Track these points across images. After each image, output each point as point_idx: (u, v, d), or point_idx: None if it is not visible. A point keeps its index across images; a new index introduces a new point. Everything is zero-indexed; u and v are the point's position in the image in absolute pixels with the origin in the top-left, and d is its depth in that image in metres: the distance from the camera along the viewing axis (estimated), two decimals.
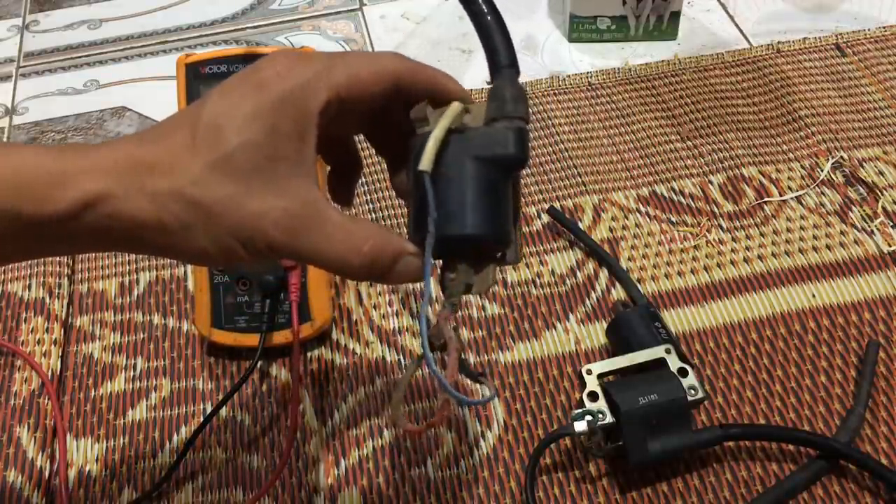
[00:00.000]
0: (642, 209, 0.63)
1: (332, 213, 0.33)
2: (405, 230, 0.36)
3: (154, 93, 0.79)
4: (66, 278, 0.63)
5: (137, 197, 0.31)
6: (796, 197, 0.63)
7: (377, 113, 0.35)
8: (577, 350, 0.56)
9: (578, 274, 0.60)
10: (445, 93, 0.35)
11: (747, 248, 0.60)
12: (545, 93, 0.73)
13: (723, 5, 0.81)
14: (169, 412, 0.55)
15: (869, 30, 0.76)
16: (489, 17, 0.36)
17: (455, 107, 0.34)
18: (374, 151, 0.40)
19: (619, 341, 0.54)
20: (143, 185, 0.31)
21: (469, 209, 0.33)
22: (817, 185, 0.64)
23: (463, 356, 0.36)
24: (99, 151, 0.32)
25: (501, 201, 0.34)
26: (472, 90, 0.74)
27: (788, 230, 0.61)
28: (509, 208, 0.35)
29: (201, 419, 0.54)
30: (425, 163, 0.33)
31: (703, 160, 0.67)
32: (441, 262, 0.35)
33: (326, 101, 0.32)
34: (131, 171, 0.31)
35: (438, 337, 0.35)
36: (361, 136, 0.39)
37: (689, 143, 0.68)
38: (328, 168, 0.40)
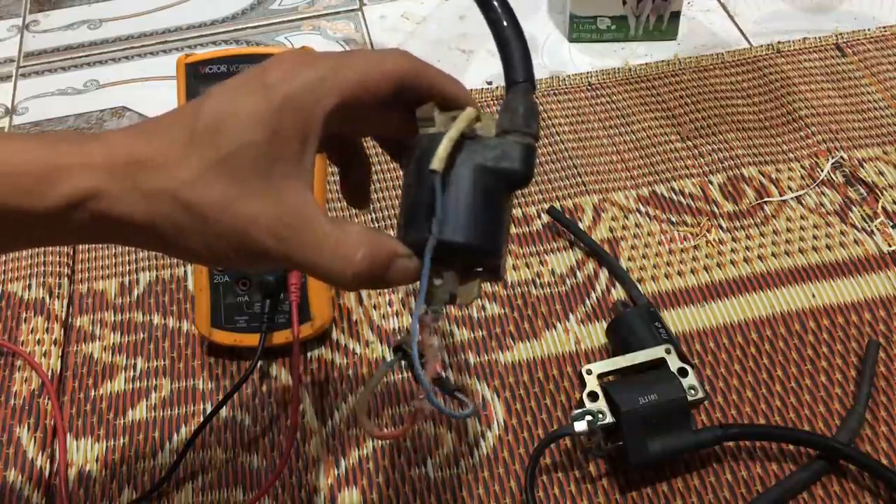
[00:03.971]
0: (642, 209, 0.64)
1: (321, 221, 0.32)
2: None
3: (154, 93, 0.79)
4: (66, 278, 0.63)
5: (130, 196, 0.30)
6: (796, 197, 0.63)
7: (380, 110, 0.35)
8: (577, 350, 0.56)
9: (578, 274, 0.60)
10: (451, 97, 0.35)
11: (747, 248, 0.60)
12: (545, 93, 0.73)
13: (723, 5, 0.82)
14: (169, 412, 0.55)
15: (869, 30, 0.76)
16: (508, 28, 0.35)
17: (470, 112, 0.33)
18: (372, 151, 0.39)
19: (619, 341, 0.54)
20: (136, 183, 0.30)
21: (470, 219, 0.33)
22: (817, 185, 0.64)
23: (440, 370, 0.35)
24: (92, 144, 0.31)
25: (500, 216, 0.34)
26: (471, 90, 0.74)
27: (788, 230, 0.61)
28: (505, 224, 0.35)
29: (201, 419, 0.54)
30: (437, 162, 0.32)
31: (703, 160, 0.67)
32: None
33: (333, 105, 0.32)
34: (124, 168, 0.30)
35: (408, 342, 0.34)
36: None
37: (689, 143, 0.68)
38: (328, 171, 0.40)
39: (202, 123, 0.31)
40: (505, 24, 0.35)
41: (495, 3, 0.36)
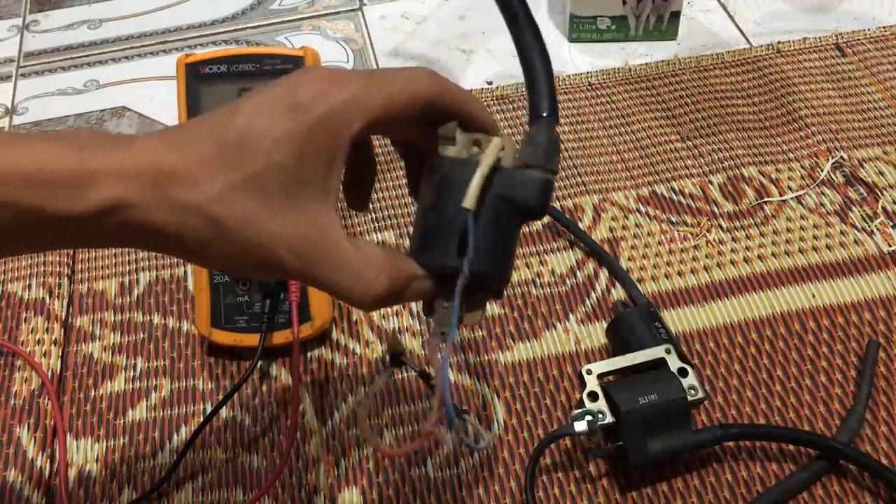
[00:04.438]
0: (642, 209, 0.64)
1: (344, 243, 0.32)
2: (405, 230, 0.36)
3: (154, 93, 0.79)
4: (66, 278, 0.63)
5: (158, 207, 0.31)
6: (796, 197, 0.63)
7: (401, 123, 0.35)
8: (577, 350, 0.56)
9: (578, 274, 0.60)
10: (475, 119, 0.35)
11: (747, 248, 0.60)
12: None
13: (723, 5, 0.82)
14: (169, 412, 0.55)
15: (869, 30, 0.76)
16: (537, 58, 0.36)
17: (497, 143, 0.34)
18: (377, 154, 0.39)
19: (619, 341, 0.54)
20: (165, 194, 0.31)
21: (489, 248, 0.34)
22: (817, 185, 0.64)
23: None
24: (123, 153, 0.31)
25: (513, 244, 0.35)
26: (471, 90, 0.74)
27: (788, 230, 0.61)
28: (514, 250, 0.36)
29: (201, 419, 0.54)
30: (470, 200, 0.33)
31: (703, 160, 0.67)
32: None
33: (361, 128, 0.32)
34: (154, 180, 0.31)
35: (396, 349, 0.35)
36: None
37: (689, 143, 0.68)
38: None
39: (231, 140, 0.31)
40: (535, 52, 0.36)
41: (528, 31, 0.36)
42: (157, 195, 0.31)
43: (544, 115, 0.35)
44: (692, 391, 0.48)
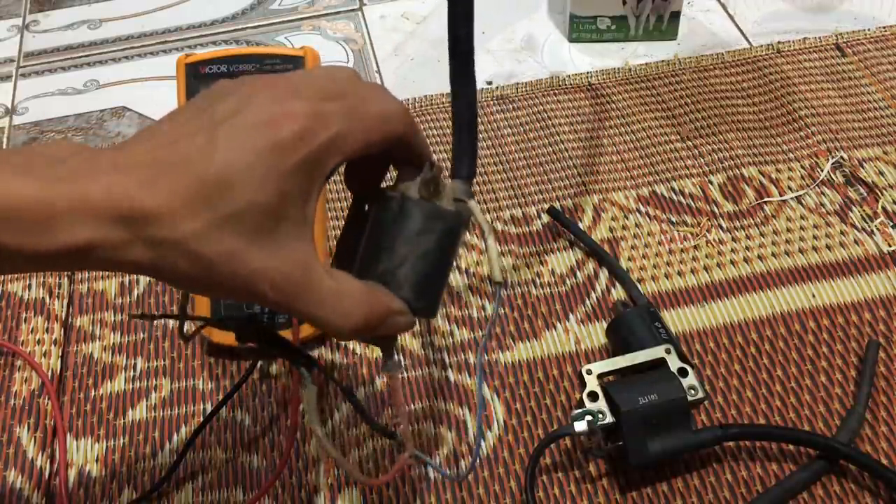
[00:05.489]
0: (642, 209, 0.64)
1: (323, 279, 0.33)
2: None
3: (154, 93, 0.79)
4: (66, 278, 0.63)
5: (132, 245, 0.30)
6: (796, 197, 0.63)
7: None
8: (577, 350, 0.56)
9: (578, 274, 0.60)
10: (424, 159, 0.37)
11: (747, 248, 0.60)
12: (545, 93, 0.73)
13: (723, 5, 0.82)
14: (169, 412, 0.55)
15: (869, 30, 0.76)
16: (468, 126, 0.39)
17: (476, 207, 0.38)
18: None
19: (619, 341, 0.54)
20: (140, 233, 0.30)
21: (437, 290, 0.37)
22: (817, 185, 0.64)
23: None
24: (92, 186, 0.30)
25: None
26: None
27: (788, 230, 0.61)
28: None
29: (201, 419, 0.54)
30: (500, 275, 0.39)
31: (703, 160, 0.67)
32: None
33: (336, 164, 0.33)
34: (127, 219, 0.30)
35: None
36: None
37: (689, 143, 0.68)
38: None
39: (211, 177, 0.31)
40: (465, 122, 0.39)
41: (464, 101, 0.40)
42: (131, 234, 0.30)
43: (464, 177, 0.39)
44: (692, 391, 0.48)
